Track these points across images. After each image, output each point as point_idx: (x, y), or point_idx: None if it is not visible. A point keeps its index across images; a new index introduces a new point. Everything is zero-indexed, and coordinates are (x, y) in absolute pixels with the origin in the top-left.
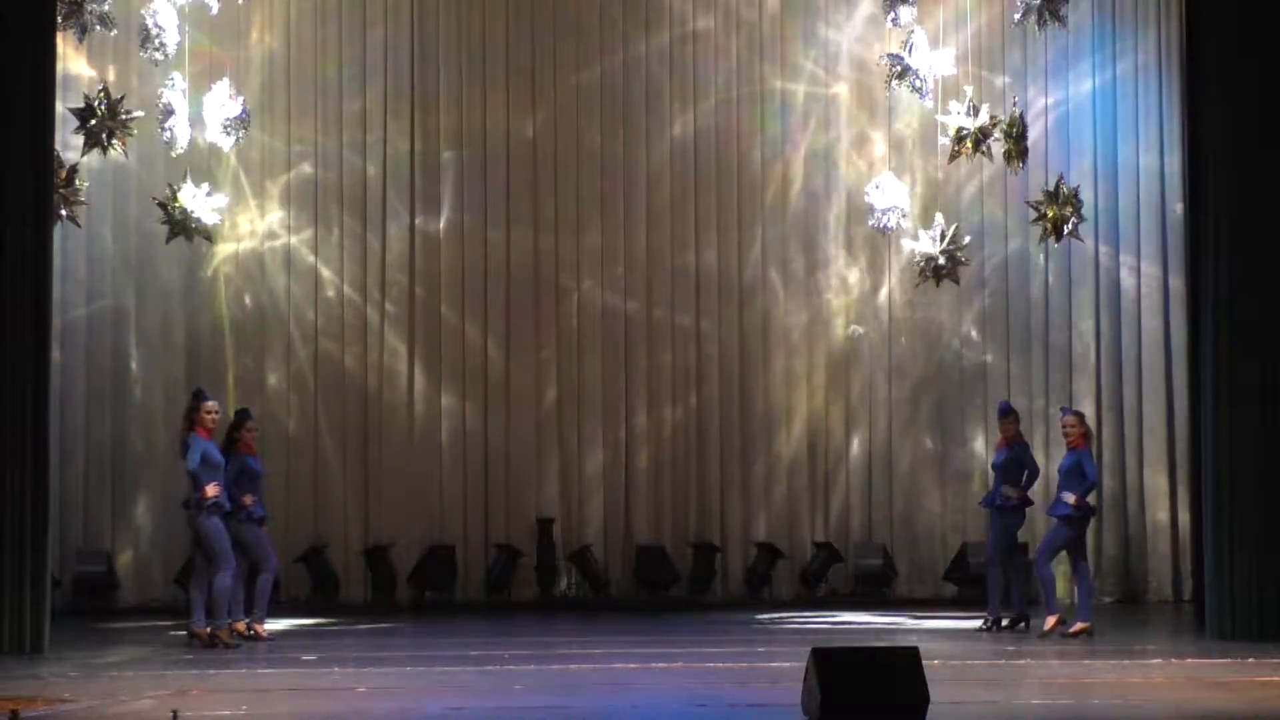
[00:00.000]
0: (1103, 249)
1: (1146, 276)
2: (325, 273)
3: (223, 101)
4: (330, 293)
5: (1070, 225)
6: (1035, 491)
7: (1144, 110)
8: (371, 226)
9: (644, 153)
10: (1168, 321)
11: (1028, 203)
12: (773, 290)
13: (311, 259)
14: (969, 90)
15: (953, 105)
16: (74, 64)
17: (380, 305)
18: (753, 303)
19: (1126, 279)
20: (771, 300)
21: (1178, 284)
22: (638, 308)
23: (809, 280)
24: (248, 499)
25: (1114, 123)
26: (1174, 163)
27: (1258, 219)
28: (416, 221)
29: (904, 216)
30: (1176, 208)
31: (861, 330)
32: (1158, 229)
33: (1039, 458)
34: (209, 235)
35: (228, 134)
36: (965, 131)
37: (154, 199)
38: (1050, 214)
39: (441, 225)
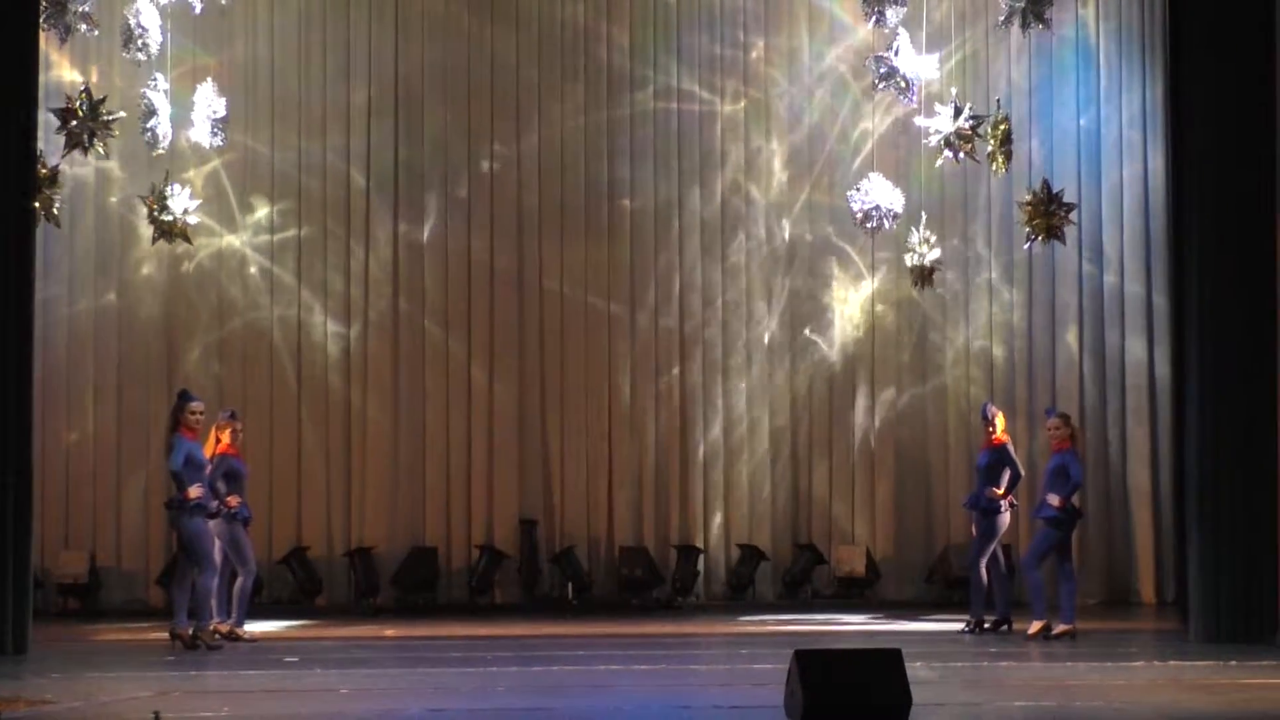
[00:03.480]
0: (1086, 253)
1: (1130, 280)
2: (307, 276)
3: (209, 102)
4: (313, 296)
5: (1058, 230)
6: (1020, 493)
7: (1128, 118)
8: (354, 230)
9: (628, 160)
10: (1151, 324)
11: (1020, 204)
12: (754, 295)
13: (293, 262)
14: (954, 91)
15: (937, 108)
16: (56, 65)
17: (363, 308)
18: (736, 307)
19: (1110, 283)
20: (754, 304)
21: (1161, 288)
22: (620, 311)
23: (792, 285)
24: (233, 500)
25: (1097, 130)
26: (1158, 169)
27: (1239, 223)
28: (399, 225)
29: (894, 218)
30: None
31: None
32: (1141, 231)
33: (1022, 460)
34: (188, 237)
35: (214, 134)
36: (948, 134)
37: (140, 198)
38: (1037, 218)
39: (425, 228)
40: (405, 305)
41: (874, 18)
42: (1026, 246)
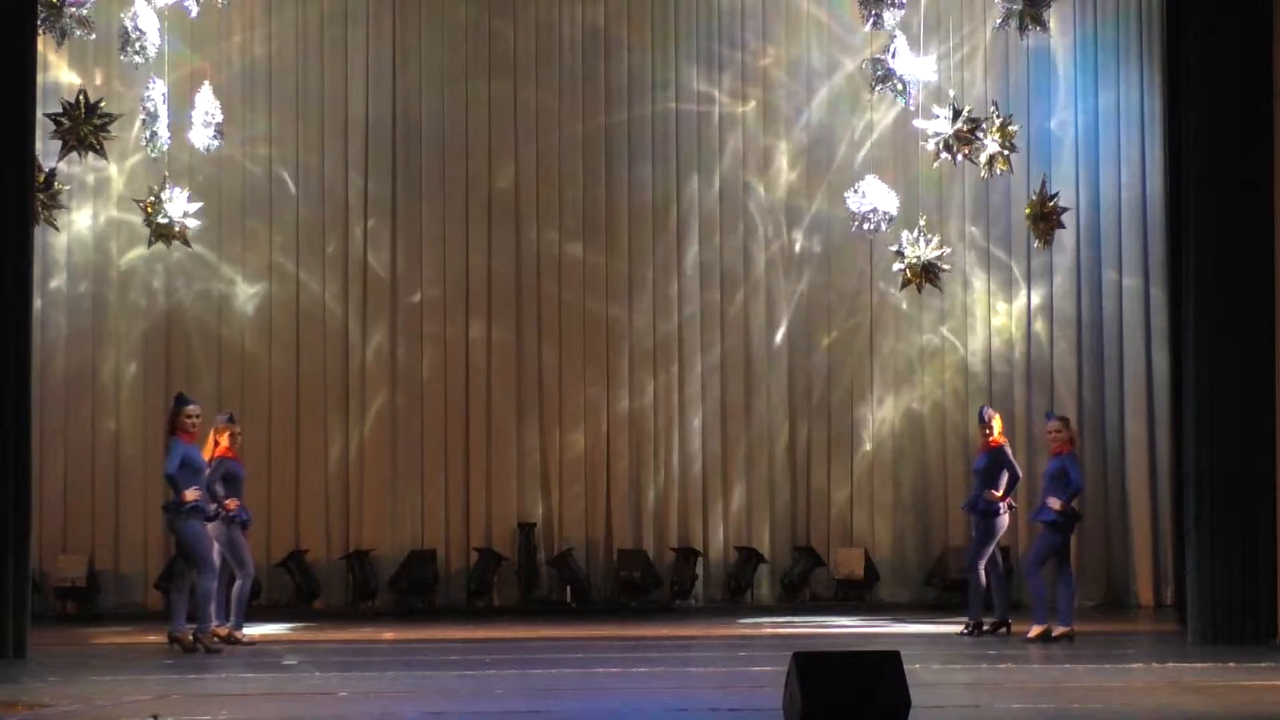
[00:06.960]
0: (1084, 256)
1: (1128, 282)
2: (308, 277)
3: (207, 105)
4: (311, 297)
5: (1053, 231)
6: (1018, 495)
7: (1125, 119)
8: (352, 231)
9: (625, 161)
10: (1149, 325)
11: (1031, 199)
12: (754, 297)
13: (293, 265)
14: (951, 94)
15: (935, 109)
16: (54, 68)
17: (361, 310)
18: (737, 309)
19: (1108, 284)
20: (753, 307)
21: (1159, 292)
22: (619, 311)
23: (793, 288)
24: (231, 503)
25: (1095, 133)
26: (1155, 167)
27: (1237, 219)
28: (397, 227)
29: (889, 220)
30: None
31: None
32: (1139, 231)
33: (1020, 463)
34: (187, 240)
35: (213, 139)
36: (946, 136)
37: (136, 201)
38: (1037, 219)
39: (423, 231)
40: (403, 307)
41: (871, 20)
42: (1037, 247)
